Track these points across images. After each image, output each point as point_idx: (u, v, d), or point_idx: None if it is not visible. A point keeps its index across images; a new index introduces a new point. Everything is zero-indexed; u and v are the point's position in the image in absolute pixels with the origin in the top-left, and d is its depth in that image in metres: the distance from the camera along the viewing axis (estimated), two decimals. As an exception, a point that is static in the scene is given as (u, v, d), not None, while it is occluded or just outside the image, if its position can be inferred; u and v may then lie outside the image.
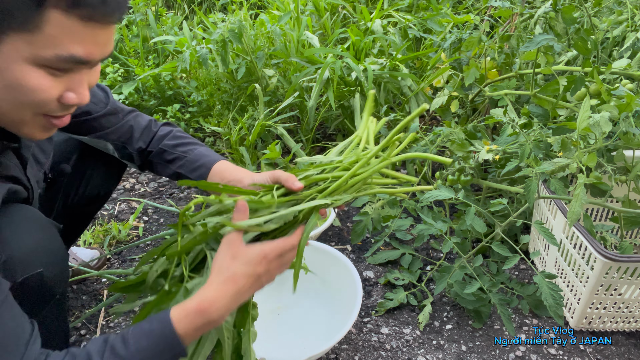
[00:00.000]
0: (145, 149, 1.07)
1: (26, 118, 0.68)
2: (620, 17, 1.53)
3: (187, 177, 1.03)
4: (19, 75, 0.62)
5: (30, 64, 0.62)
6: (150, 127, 1.08)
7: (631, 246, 1.15)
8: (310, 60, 1.89)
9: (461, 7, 2.56)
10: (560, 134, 1.19)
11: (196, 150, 1.05)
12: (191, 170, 1.03)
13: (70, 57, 0.63)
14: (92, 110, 1.01)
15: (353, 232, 1.47)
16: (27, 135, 0.71)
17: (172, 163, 1.04)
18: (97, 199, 1.20)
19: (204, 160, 1.03)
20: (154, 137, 1.08)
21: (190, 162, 1.03)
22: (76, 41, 0.62)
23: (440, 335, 1.23)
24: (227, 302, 0.73)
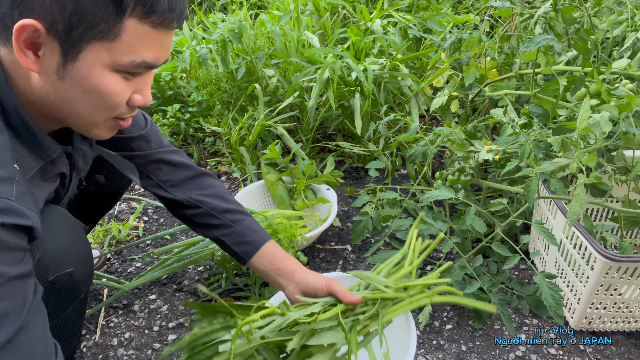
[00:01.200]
0: (175, 188, 1.04)
1: (100, 121, 0.73)
2: (620, 17, 1.53)
3: (229, 248, 1.01)
4: (99, 81, 0.67)
5: (108, 69, 0.67)
6: (187, 167, 1.06)
7: (631, 246, 1.15)
8: (310, 60, 1.89)
9: (461, 7, 2.56)
10: (560, 134, 1.19)
11: (245, 222, 1.02)
12: (236, 243, 1.00)
13: (142, 63, 0.68)
14: (126, 130, 1.01)
15: (353, 232, 1.47)
16: (97, 136, 0.76)
17: (215, 228, 1.01)
18: (115, 196, 1.24)
19: (253, 237, 1.00)
20: (190, 183, 1.05)
21: (237, 235, 1.00)
22: (148, 47, 0.67)
23: (440, 335, 1.23)
24: None
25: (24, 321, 0.61)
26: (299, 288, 0.93)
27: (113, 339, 1.24)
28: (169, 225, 1.69)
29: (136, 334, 1.25)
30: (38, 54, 0.65)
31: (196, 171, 1.06)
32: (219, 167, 2.04)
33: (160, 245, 1.58)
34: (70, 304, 0.89)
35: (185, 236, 1.62)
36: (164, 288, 1.40)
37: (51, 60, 0.65)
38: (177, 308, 1.33)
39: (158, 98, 2.27)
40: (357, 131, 1.74)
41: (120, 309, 1.33)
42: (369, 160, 1.94)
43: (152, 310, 1.33)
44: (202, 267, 1.47)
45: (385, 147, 1.84)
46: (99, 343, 1.22)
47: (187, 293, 1.38)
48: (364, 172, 1.97)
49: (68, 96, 0.69)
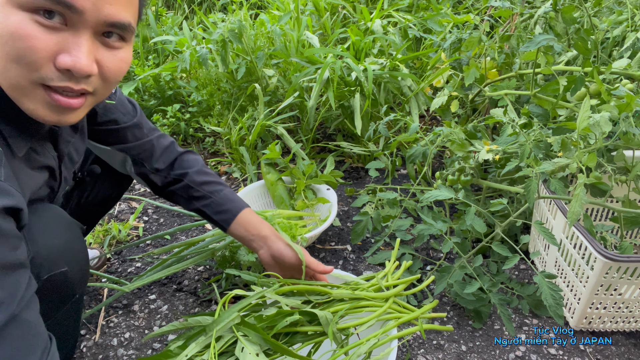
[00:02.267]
0: (163, 171, 1.09)
1: (24, 83, 0.62)
2: (620, 17, 1.53)
3: (209, 217, 1.08)
4: (11, 23, 0.58)
5: (15, 7, 0.58)
6: (172, 149, 1.11)
7: (631, 246, 1.15)
8: (310, 60, 1.89)
9: (461, 7, 2.56)
10: (560, 134, 1.19)
11: (222, 192, 1.09)
12: (215, 212, 1.07)
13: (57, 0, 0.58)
14: (120, 120, 1.03)
15: (353, 232, 1.47)
16: (32, 112, 0.65)
17: (197, 200, 1.08)
18: (109, 200, 1.22)
19: (230, 206, 1.08)
20: (175, 163, 1.10)
21: (216, 204, 1.07)
22: None
23: (440, 335, 1.23)
24: None
25: (15, 310, 0.59)
26: (270, 252, 1.05)
27: (113, 339, 1.24)
28: (169, 225, 1.69)
29: (136, 334, 1.25)
30: None
31: (180, 151, 1.12)
32: (219, 167, 2.04)
33: (160, 245, 1.58)
34: (64, 304, 0.88)
35: (185, 236, 1.62)
36: (164, 288, 1.40)
37: None
38: (177, 308, 1.33)
39: (158, 98, 2.27)
40: (357, 131, 1.74)
41: (120, 309, 1.33)
42: (369, 160, 1.94)
43: (152, 310, 1.33)
44: (202, 267, 1.47)
45: (385, 147, 1.84)
46: (99, 343, 1.22)
47: (187, 293, 1.38)
48: (364, 172, 1.97)
49: None
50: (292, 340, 0.89)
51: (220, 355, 0.84)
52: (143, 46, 2.51)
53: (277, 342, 0.83)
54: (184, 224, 1.68)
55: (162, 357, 0.83)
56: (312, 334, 0.91)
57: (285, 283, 1.00)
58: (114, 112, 1.02)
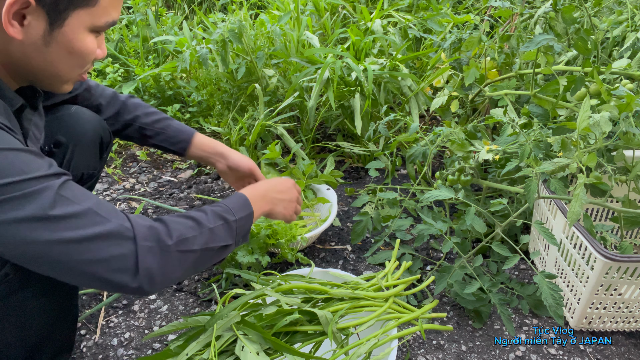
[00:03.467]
0: (112, 118, 1.21)
1: (73, 77, 0.82)
2: (620, 17, 1.53)
3: (166, 149, 1.24)
4: (81, 43, 0.77)
5: (87, 31, 0.77)
6: (116, 98, 1.23)
7: (631, 246, 1.15)
8: (310, 60, 1.89)
9: (461, 7, 2.56)
10: (560, 134, 1.19)
11: (172, 126, 1.24)
12: (172, 144, 1.24)
13: (112, 22, 0.79)
14: (74, 88, 1.13)
15: (353, 232, 1.47)
16: (64, 91, 0.85)
17: (151, 138, 1.22)
18: (80, 182, 1.19)
19: (183, 136, 1.24)
20: (121, 110, 1.22)
21: (170, 137, 1.23)
22: (115, 8, 0.78)
23: (440, 335, 1.23)
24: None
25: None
26: (227, 164, 1.25)
27: (113, 339, 1.24)
28: (169, 225, 1.69)
29: (136, 334, 1.25)
30: (23, 23, 0.71)
31: (123, 98, 1.24)
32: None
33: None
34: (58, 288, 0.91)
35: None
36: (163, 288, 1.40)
37: (37, 28, 0.72)
38: (177, 308, 1.33)
39: (158, 98, 2.27)
40: (357, 131, 1.74)
41: (120, 309, 1.33)
42: (369, 160, 1.94)
43: (152, 310, 1.33)
44: (202, 267, 1.47)
45: (385, 147, 1.84)
46: (99, 343, 1.22)
47: (187, 293, 1.38)
48: (364, 172, 1.97)
49: (52, 59, 0.76)
50: (292, 339, 0.90)
51: (220, 354, 0.84)
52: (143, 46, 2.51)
53: (278, 340, 0.83)
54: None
55: (162, 356, 0.83)
56: (312, 333, 0.91)
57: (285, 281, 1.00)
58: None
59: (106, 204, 0.75)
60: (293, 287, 0.98)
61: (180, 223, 0.81)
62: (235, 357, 0.83)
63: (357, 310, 0.97)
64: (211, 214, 0.87)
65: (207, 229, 0.83)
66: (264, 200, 1.03)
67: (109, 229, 0.71)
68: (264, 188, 1.06)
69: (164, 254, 0.75)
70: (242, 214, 0.92)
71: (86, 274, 0.70)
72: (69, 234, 0.68)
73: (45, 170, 0.70)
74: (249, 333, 0.84)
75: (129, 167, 2.07)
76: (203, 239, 0.82)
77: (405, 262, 1.16)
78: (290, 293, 0.99)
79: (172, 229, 0.78)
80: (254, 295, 0.93)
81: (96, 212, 0.71)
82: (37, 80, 0.82)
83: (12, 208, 0.65)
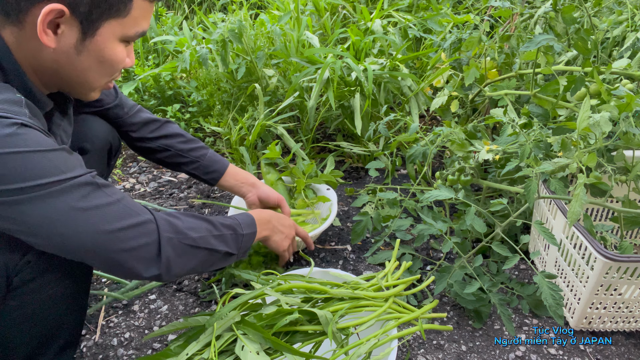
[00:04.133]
0: (148, 140, 1.25)
1: (101, 85, 0.85)
2: (620, 17, 1.53)
3: (199, 177, 1.29)
4: (112, 52, 0.79)
5: (118, 41, 0.79)
6: (153, 121, 1.26)
7: (631, 246, 1.15)
8: (310, 60, 1.89)
9: (461, 7, 2.56)
10: (560, 134, 1.19)
11: (207, 155, 1.29)
12: (205, 173, 1.29)
13: (143, 32, 0.81)
14: (105, 100, 1.17)
15: (353, 232, 1.47)
16: (91, 98, 0.88)
17: (185, 165, 1.28)
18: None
19: (217, 167, 1.30)
20: (158, 133, 1.26)
21: (204, 167, 1.29)
22: (146, 19, 0.80)
23: (440, 335, 1.23)
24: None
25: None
26: (257, 195, 1.32)
27: (113, 339, 1.24)
28: (169, 225, 1.69)
29: (136, 334, 1.25)
30: (57, 32, 0.73)
31: (160, 122, 1.28)
32: (219, 167, 2.04)
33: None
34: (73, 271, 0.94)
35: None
36: (164, 288, 1.40)
37: (70, 37, 0.75)
38: (177, 308, 1.33)
39: (158, 98, 2.27)
40: (357, 131, 1.74)
41: (120, 309, 1.33)
42: (369, 160, 1.94)
43: (152, 310, 1.33)
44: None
45: (385, 147, 1.84)
46: (99, 343, 1.22)
47: (187, 293, 1.38)
48: (364, 172, 1.97)
49: (82, 67, 0.79)
50: (292, 339, 0.90)
51: (220, 354, 0.84)
52: (143, 46, 2.51)
53: (278, 340, 0.83)
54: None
55: (162, 356, 0.83)
56: (312, 333, 0.91)
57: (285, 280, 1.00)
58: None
59: (130, 199, 0.81)
60: (293, 286, 0.98)
61: (195, 222, 0.88)
62: (235, 357, 0.83)
63: (357, 310, 0.97)
64: (222, 223, 0.94)
65: (219, 233, 0.91)
66: (267, 226, 1.10)
67: (138, 221, 0.78)
68: (269, 215, 1.13)
69: (181, 246, 0.83)
70: (248, 231, 0.99)
71: (114, 261, 0.76)
72: (104, 226, 0.74)
73: (80, 169, 0.75)
74: (249, 333, 0.84)
75: (129, 167, 2.07)
76: (214, 240, 0.89)
77: (405, 262, 1.16)
78: (290, 293, 0.99)
79: (188, 226, 0.85)
80: (253, 294, 0.93)
81: (126, 205, 0.78)
82: (66, 87, 0.84)
83: (54, 201, 0.70)
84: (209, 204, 1.79)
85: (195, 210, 1.76)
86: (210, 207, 1.77)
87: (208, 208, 1.77)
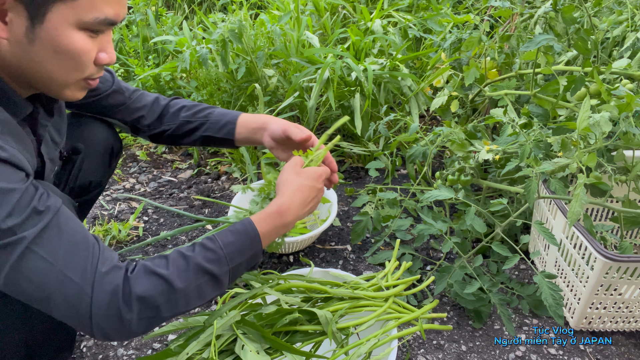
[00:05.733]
0: (153, 124, 1.14)
1: (71, 81, 0.76)
2: (620, 17, 1.53)
3: (215, 137, 1.13)
4: (67, 41, 0.71)
5: (74, 28, 0.71)
6: (159, 103, 1.15)
7: (631, 246, 1.15)
8: (310, 60, 1.89)
9: (461, 7, 2.56)
10: (560, 134, 1.19)
11: (215, 111, 1.14)
12: (218, 130, 1.12)
13: (105, 19, 0.72)
14: (101, 88, 1.09)
15: (353, 232, 1.47)
16: (69, 98, 0.79)
17: (197, 130, 1.13)
18: (88, 190, 1.20)
19: (228, 118, 1.12)
20: (163, 114, 1.14)
21: (214, 124, 1.12)
22: (108, 3, 0.71)
23: (440, 335, 1.23)
24: (297, 208, 0.89)
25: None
26: (271, 137, 1.09)
27: (113, 339, 1.24)
28: (169, 225, 1.69)
29: (136, 334, 1.25)
30: (5, 20, 0.68)
31: (166, 101, 1.16)
32: (219, 167, 2.04)
33: (160, 246, 1.58)
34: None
35: (186, 237, 1.62)
36: (164, 288, 1.40)
37: (19, 25, 0.68)
38: (177, 308, 1.33)
39: (158, 98, 2.27)
40: (357, 131, 1.74)
41: (120, 309, 1.33)
42: (369, 160, 1.94)
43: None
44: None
45: (385, 147, 1.84)
46: (98, 343, 1.22)
47: (187, 293, 1.38)
48: (364, 172, 1.97)
49: (39, 59, 0.72)
50: (292, 339, 0.90)
51: (220, 354, 0.84)
52: (143, 46, 2.51)
53: (278, 339, 0.83)
54: (184, 225, 1.68)
55: (163, 356, 0.83)
56: (312, 332, 0.91)
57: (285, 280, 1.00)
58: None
59: (80, 253, 0.70)
60: (293, 286, 0.98)
61: (154, 286, 0.72)
62: (236, 357, 0.83)
63: (357, 310, 0.97)
64: (194, 269, 0.76)
65: (183, 295, 0.75)
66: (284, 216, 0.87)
67: (67, 295, 0.69)
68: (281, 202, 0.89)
69: (121, 323, 0.71)
70: (240, 260, 0.81)
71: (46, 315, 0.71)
72: (31, 292, 0.68)
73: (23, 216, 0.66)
74: (249, 332, 0.84)
75: (129, 167, 2.07)
76: (174, 308, 0.74)
77: (405, 262, 1.16)
78: (290, 292, 0.99)
79: (141, 295, 0.71)
80: (253, 294, 0.93)
81: (61, 272, 0.68)
82: (36, 85, 0.78)
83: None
84: (209, 204, 1.79)
85: (196, 211, 1.76)
86: (210, 207, 1.77)
87: (208, 208, 1.77)
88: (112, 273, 0.71)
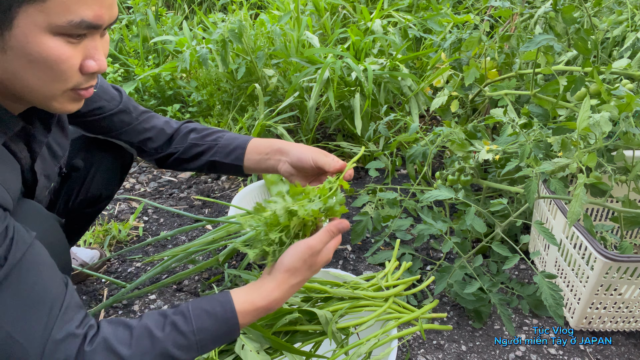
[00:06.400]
0: (163, 147, 1.08)
1: (56, 93, 0.69)
2: (620, 17, 1.53)
3: (222, 163, 1.05)
4: (39, 48, 0.63)
5: (48, 34, 0.63)
6: (170, 126, 1.09)
7: (631, 246, 1.15)
8: (310, 60, 1.89)
9: (461, 7, 2.56)
10: (560, 134, 1.19)
11: (225, 136, 1.06)
12: (226, 155, 1.04)
13: (82, 22, 0.64)
14: (106, 107, 1.02)
15: (353, 232, 1.47)
16: (59, 110, 0.72)
17: (204, 154, 1.06)
18: (98, 201, 1.20)
19: (237, 142, 1.04)
20: (173, 137, 1.09)
21: (223, 148, 1.05)
22: (85, 4, 0.63)
23: (440, 335, 1.23)
24: (288, 297, 0.80)
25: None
26: (289, 161, 0.98)
27: (113, 339, 1.23)
28: (169, 225, 1.69)
29: (136, 334, 1.25)
30: None
31: (177, 124, 1.10)
32: (219, 167, 2.04)
33: (160, 246, 1.58)
34: None
35: (186, 237, 1.62)
36: (164, 288, 1.40)
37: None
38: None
39: (158, 98, 2.27)
40: (357, 131, 1.74)
41: (120, 309, 1.33)
42: (369, 160, 1.94)
43: (152, 310, 1.33)
44: (202, 267, 1.47)
45: (385, 147, 1.84)
46: None
47: (187, 293, 1.38)
48: (364, 172, 1.97)
49: (14, 69, 0.65)
50: (292, 339, 0.90)
51: (220, 353, 0.84)
52: (143, 46, 2.51)
53: (278, 339, 0.83)
54: (184, 225, 1.68)
55: None
56: (312, 332, 0.91)
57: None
58: (98, 100, 1.01)
59: (34, 315, 0.65)
60: None
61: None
62: (236, 356, 0.83)
63: (357, 310, 0.97)
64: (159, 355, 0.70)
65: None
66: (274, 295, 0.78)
67: (11, 358, 0.63)
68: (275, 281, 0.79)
69: None
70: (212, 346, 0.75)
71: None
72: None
73: None
74: (249, 332, 0.84)
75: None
76: None
77: (405, 262, 1.16)
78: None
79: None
80: None
81: (9, 333, 0.63)
82: (23, 98, 0.72)
83: None
84: (209, 204, 1.79)
85: (196, 211, 1.76)
86: (210, 207, 1.77)
87: (208, 208, 1.77)
88: (67, 342, 0.65)
